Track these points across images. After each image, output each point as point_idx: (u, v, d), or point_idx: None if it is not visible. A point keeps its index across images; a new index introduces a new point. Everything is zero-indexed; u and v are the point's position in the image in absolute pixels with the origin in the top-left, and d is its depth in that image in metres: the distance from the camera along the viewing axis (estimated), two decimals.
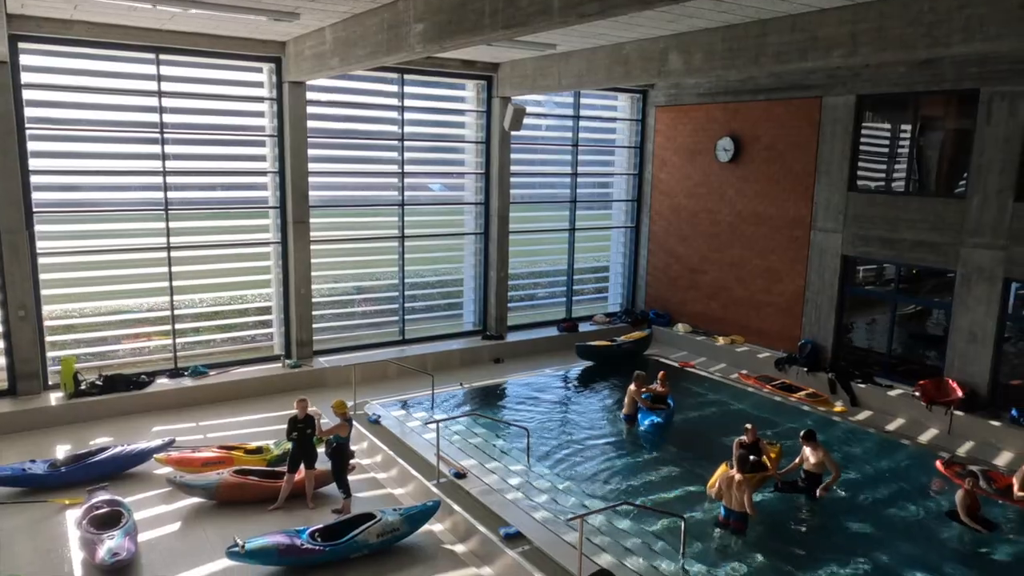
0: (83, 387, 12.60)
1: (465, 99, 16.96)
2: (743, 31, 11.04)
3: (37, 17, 11.56)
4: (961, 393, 12.76)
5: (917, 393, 13.15)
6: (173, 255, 13.66)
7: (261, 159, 14.57)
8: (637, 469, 11.08)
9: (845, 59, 10.10)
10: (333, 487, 9.94)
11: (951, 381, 13.04)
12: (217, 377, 13.81)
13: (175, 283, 13.78)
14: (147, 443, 10.85)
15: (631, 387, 12.76)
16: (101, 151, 13.13)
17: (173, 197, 13.59)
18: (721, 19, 10.82)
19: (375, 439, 11.55)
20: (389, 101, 15.80)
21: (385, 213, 16.36)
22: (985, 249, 12.69)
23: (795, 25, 10.36)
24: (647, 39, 12.53)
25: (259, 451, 10.90)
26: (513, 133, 16.56)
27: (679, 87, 18.20)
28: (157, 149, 13.28)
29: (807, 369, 14.99)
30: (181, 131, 13.55)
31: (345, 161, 15.83)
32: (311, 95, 14.37)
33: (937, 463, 10.89)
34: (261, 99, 14.29)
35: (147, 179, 13.43)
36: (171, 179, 13.50)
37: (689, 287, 18.45)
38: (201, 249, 14.15)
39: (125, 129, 13.21)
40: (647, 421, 12.36)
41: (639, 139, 19.46)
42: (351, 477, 10.07)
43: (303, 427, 9.68)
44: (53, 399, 12.42)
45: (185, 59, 13.33)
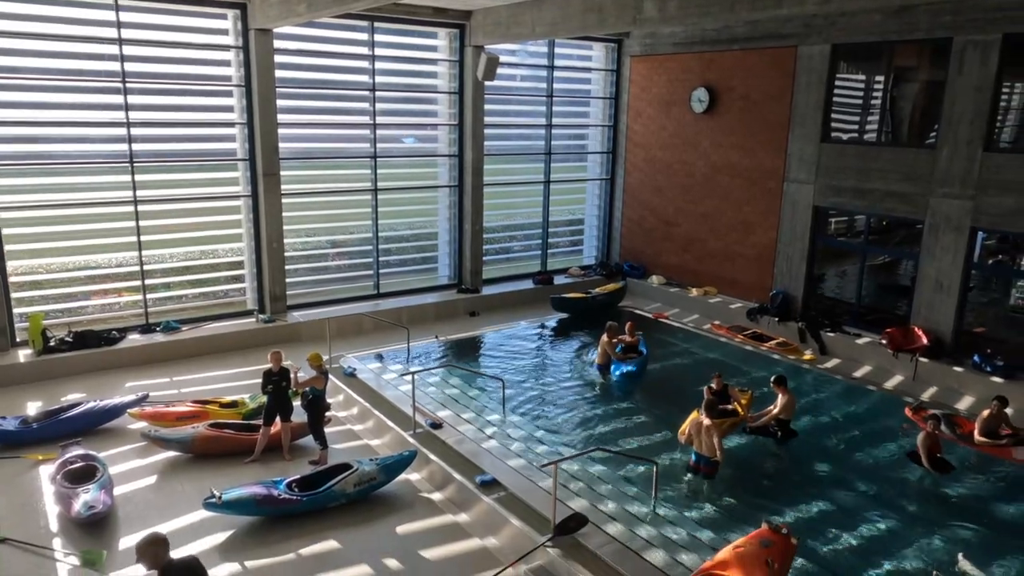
0: (52, 344, 12.43)
1: (437, 48, 16.62)
2: None
3: None
4: (926, 340, 13.07)
5: (884, 341, 13.45)
6: (140, 209, 13.39)
7: (229, 110, 14.22)
8: (610, 417, 11.27)
9: (820, 6, 10.04)
10: (310, 439, 9.99)
11: (917, 329, 13.34)
12: (189, 332, 13.69)
13: (143, 238, 13.54)
14: (120, 398, 10.79)
15: (604, 338, 12.89)
16: (61, 101, 12.71)
17: (139, 149, 13.25)
18: None
19: (351, 392, 11.59)
20: (359, 51, 15.45)
21: (357, 166, 16.12)
22: (953, 199, 12.87)
23: None
24: None
25: (234, 405, 10.87)
26: (487, 84, 16.30)
27: (654, 36, 17.99)
28: (120, 99, 12.89)
29: (778, 319, 15.23)
30: (144, 80, 13.15)
31: (316, 112, 15.51)
32: (279, 43, 13.99)
33: (906, 409, 11.16)
34: (227, 47, 13.88)
35: (110, 131, 13.06)
36: (136, 131, 13.14)
37: (663, 239, 18.53)
38: (169, 203, 13.87)
39: (85, 79, 12.79)
40: (619, 371, 12.52)
41: (614, 90, 19.28)
42: (327, 429, 10.11)
43: (278, 380, 9.67)
44: (22, 356, 12.25)
45: (147, 4, 12.87)
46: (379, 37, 15.51)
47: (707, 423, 8.94)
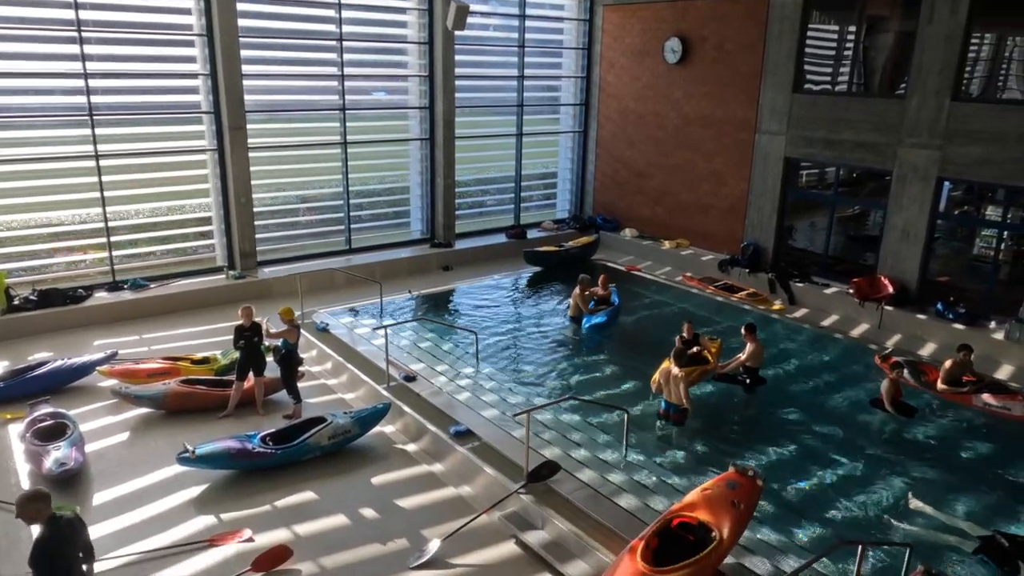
0: (16, 302, 12.20)
1: None
2: None
3: None
4: (892, 289, 13.32)
5: (851, 290, 13.69)
6: (103, 164, 13.05)
7: (191, 61, 13.81)
8: (582, 368, 11.40)
9: None
10: (283, 394, 10.00)
11: (883, 278, 13.58)
12: (158, 290, 13.51)
13: (107, 193, 13.23)
14: (89, 356, 10.66)
15: (576, 291, 12.94)
16: (14, 51, 12.24)
17: (98, 102, 12.85)
18: None
19: (324, 346, 11.56)
20: None
21: (326, 119, 15.83)
22: (921, 149, 12.98)
23: None
24: None
25: (206, 361, 10.81)
26: (457, 33, 15.97)
27: None
28: (76, 49, 12.44)
29: (749, 270, 15.40)
30: (101, 29, 12.69)
31: (282, 64, 15.11)
32: None
33: (876, 358, 11.36)
34: None
35: (67, 82, 12.64)
36: (94, 83, 12.73)
37: (636, 192, 18.53)
38: (132, 157, 13.54)
39: (39, 27, 12.31)
40: (589, 322, 12.62)
41: (587, 40, 19.02)
42: (301, 384, 10.13)
43: (250, 335, 9.61)
44: None
45: None
46: None
47: (676, 372, 9.07)
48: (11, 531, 7.20)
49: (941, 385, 10.32)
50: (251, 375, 9.76)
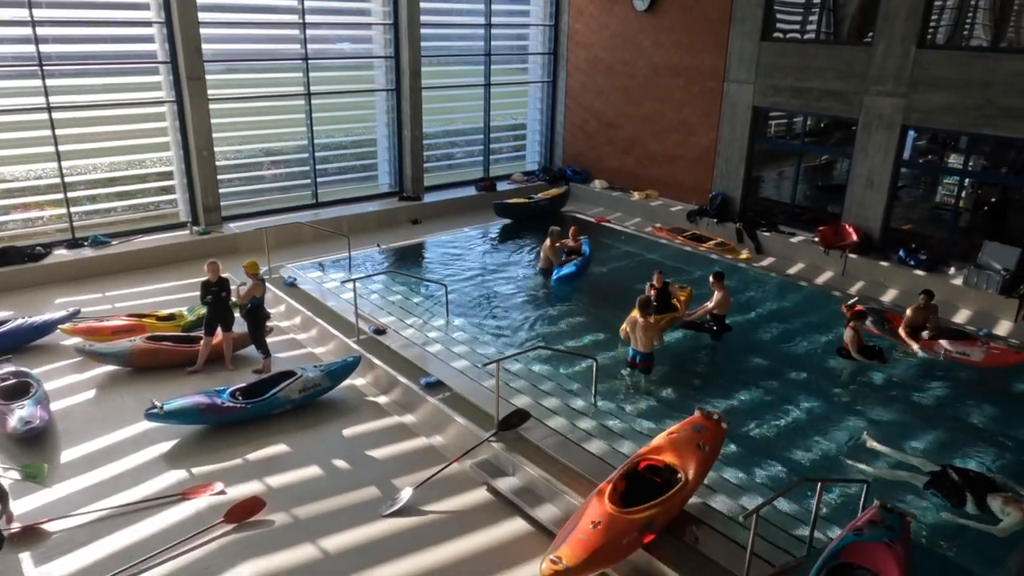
0: None
1: None
2: None
3: None
4: (856, 237, 13.53)
5: (816, 239, 13.86)
6: (56, 116, 12.61)
7: (145, 7, 13.29)
8: (553, 319, 11.47)
9: None
10: (252, 349, 9.94)
11: (848, 226, 13.76)
12: (120, 246, 13.24)
13: (62, 148, 12.82)
14: (50, 315, 10.46)
15: (546, 243, 12.94)
16: None
17: (48, 51, 12.36)
18: None
19: (292, 301, 11.47)
20: None
21: (288, 70, 15.41)
22: (887, 97, 13.05)
23: None
24: None
25: (172, 318, 10.67)
26: None
27: None
28: None
29: (717, 220, 15.51)
30: None
31: (240, 11, 14.62)
32: None
33: (843, 307, 11.47)
34: None
35: (15, 31, 12.11)
36: (43, 31, 12.21)
37: (605, 143, 18.44)
38: (87, 110, 13.10)
39: None
40: (558, 273, 12.66)
41: None
42: (270, 339, 10.07)
43: (217, 290, 9.49)
44: None
45: None
46: None
47: (641, 321, 9.16)
48: None
49: (904, 331, 10.53)
50: (219, 330, 9.67)
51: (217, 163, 14.26)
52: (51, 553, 6.45)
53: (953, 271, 12.59)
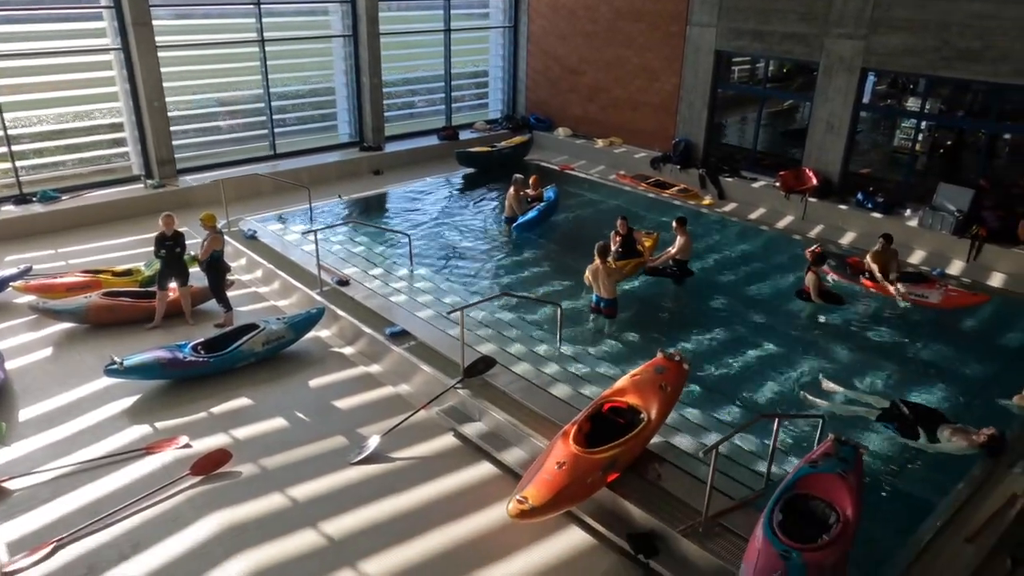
0: None
1: None
2: None
3: None
4: (816, 181, 13.68)
5: (777, 183, 13.99)
6: None
7: None
8: (517, 267, 11.48)
9: None
10: (213, 303, 9.79)
11: (808, 170, 13.90)
12: (71, 202, 12.85)
13: (4, 99, 12.28)
14: (1, 272, 10.16)
15: (510, 191, 12.87)
16: None
17: None
18: None
19: (253, 254, 11.29)
20: None
21: (241, 15, 14.87)
22: (847, 39, 13.06)
23: None
24: None
25: (128, 273, 10.44)
26: None
27: None
28: None
29: (680, 166, 15.54)
30: None
31: None
32: None
33: (807, 253, 11.57)
34: None
35: None
36: None
37: (569, 90, 18.24)
38: (27, 58, 12.52)
39: None
40: (522, 219, 12.62)
41: None
42: (231, 292, 9.92)
43: (171, 244, 9.27)
44: None
45: None
46: None
47: (602, 266, 9.20)
48: None
49: (864, 276, 10.70)
50: (175, 285, 9.50)
51: (169, 114, 13.81)
52: (14, 511, 6.39)
53: (909, 213, 12.84)
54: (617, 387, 7.07)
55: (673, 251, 10.65)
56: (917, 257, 11.91)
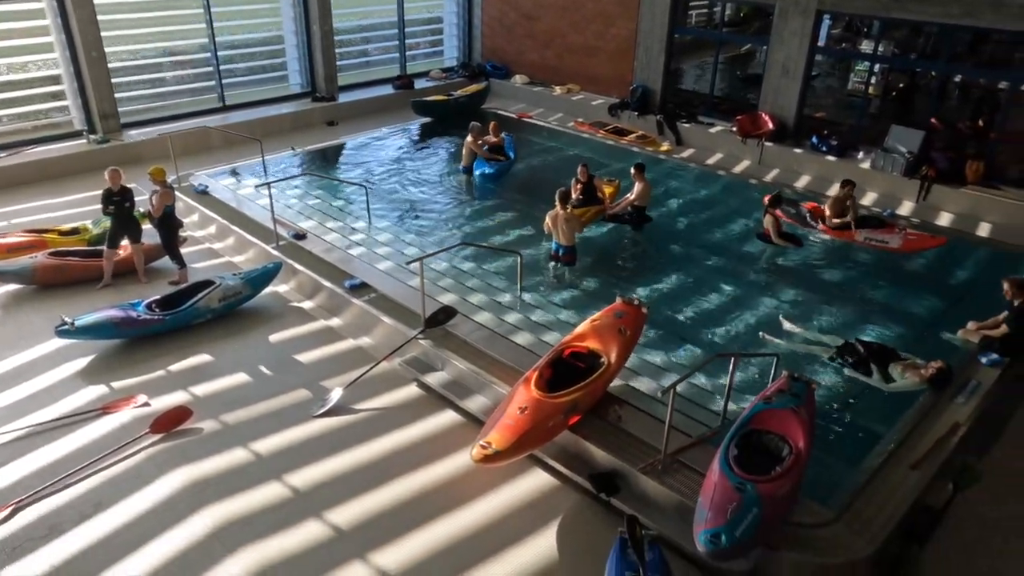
0: None
1: None
2: None
3: None
4: (772, 125, 13.76)
5: (734, 128, 14.04)
6: None
7: None
8: (477, 216, 11.42)
9: None
10: (166, 260, 9.58)
11: (764, 115, 13.96)
12: (9, 159, 12.36)
13: None
14: None
15: (468, 139, 12.71)
16: None
17: None
18: None
19: (206, 210, 11.03)
20: None
21: None
22: None
23: None
24: None
25: (76, 232, 10.12)
26: None
27: None
28: None
29: (638, 113, 15.47)
30: None
31: None
32: None
33: (765, 199, 11.64)
34: None
35: None
36: None
37: (525, 36, 17.92)
38: None
39: None
40: (479, 170, 12.51)
41: None
42: (184, 249, 9.72)
43: (120, 200, 9.00)
44: None
45: None
46: None
47: (562, 213, 9.19)
48: None
49: (825, 224, 10.65)
50: (126, 242, 9.25)
51: (110, 65, 13.24)
52: None
53: (862, 156, 13.02)
54: (577, 332, 7.14)
55: (632, 197, 10.68)
56: (869, 199, 12.12)
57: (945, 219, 11.41)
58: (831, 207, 10.63)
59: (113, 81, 13.37)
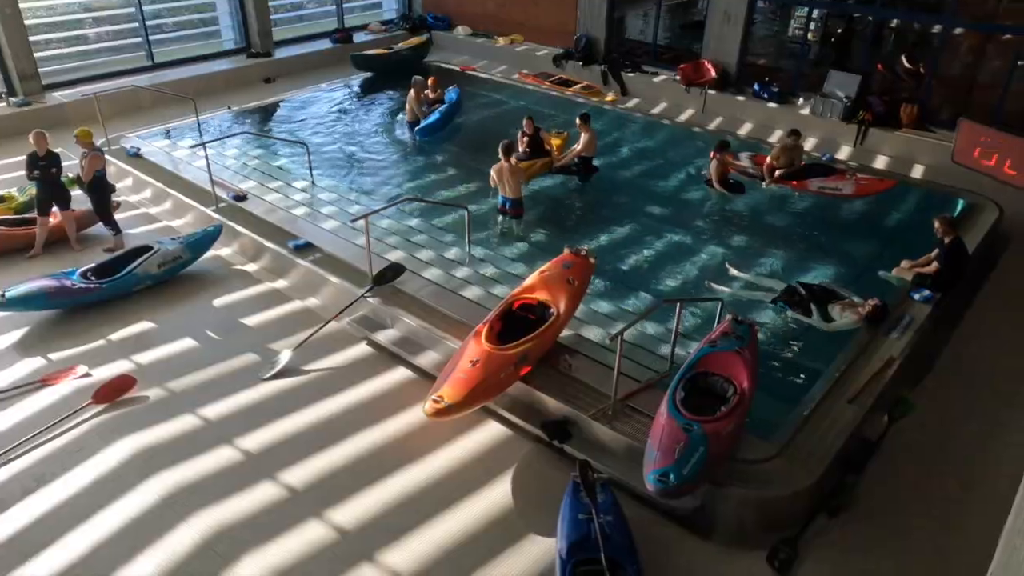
0: None
1: None
2: None
3: None
4: (715, 73, 13.82)
5: (678, 77, 14.06)
6: None
7: None
8: (422, 171, 11.28)
9: None
10: (99, 227, 9.24)
11: (707, 63, 14.00)
12: None
13: None
14: None
15: (410, 94, 12.45)
16: None
17: None
18: None
19: (139, 173, 10.63)
20: None
21: None
22: None
23: None
24: None
25: (0, 200, 9.67)
26: None
27: None
28: None
29: (582, 63, 15.35)
30: None
31: None
32: None
33: (712, 154, 11.57)
34: None
35: None
36: None
37: None
38: None
39: None
40: (423, 124, 12.30)
41: None
42: (118, 214, 9.38)
43: (46, 165, 8.59)
44: None
45: None
46: None
47: (507, 165, 9.11)
48: None
49: (775, 176, 10.55)
50: (56, 210, 8.87)
51: (27, 22, 12.52)
52: None
53: (801, 102, 13.20)
54: (526, 285, 7.16)
55: (578, 148, 10.65)
56: (809, 144, 12.27)
57: (881, 162, 11.70)
58: (778, 156, 10.56)
59: (31, 39, 12.65)
